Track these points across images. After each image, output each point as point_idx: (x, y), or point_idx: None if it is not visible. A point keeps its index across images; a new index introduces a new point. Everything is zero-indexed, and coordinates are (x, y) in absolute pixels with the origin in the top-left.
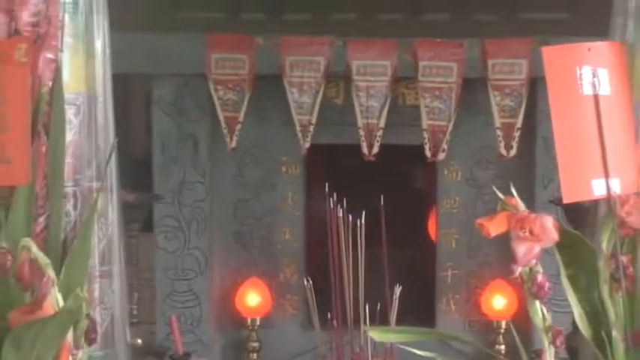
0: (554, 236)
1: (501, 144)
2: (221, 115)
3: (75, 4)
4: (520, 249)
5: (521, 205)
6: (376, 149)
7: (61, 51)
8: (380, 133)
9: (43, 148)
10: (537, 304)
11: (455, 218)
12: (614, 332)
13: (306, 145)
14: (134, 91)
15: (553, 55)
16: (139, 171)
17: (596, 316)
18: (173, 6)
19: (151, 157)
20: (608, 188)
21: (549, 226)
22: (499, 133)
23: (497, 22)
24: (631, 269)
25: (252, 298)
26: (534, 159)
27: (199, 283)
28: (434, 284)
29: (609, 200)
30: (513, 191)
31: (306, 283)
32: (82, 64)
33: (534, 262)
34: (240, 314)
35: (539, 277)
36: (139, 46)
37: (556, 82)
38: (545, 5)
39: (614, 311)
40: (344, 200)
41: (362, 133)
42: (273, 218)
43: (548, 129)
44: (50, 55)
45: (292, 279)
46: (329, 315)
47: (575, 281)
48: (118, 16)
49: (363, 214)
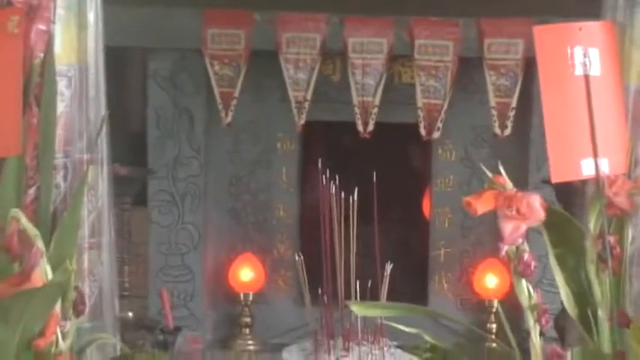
0: (541, 215)
1: (496, 123)
2: (216, 90)
3: None
4: (507, 227)
5: (509, 183)
6: (371, 127)
7: (54, 22)
8: (375, 110)
9: (34, 120)
10: (523, 282)
11: (449, 197)
12: (600, 312)
13: (301, 121)
14: (130, 64)
15: (544, 34)
16: (134, 144)
17: (583, 296)
18: None
19: (144, 132)
20: (597, 168)
21: (536, 205)
22: (494, 112)
23: (495, 1)
24: (618, 249)
25: (246, 274)
26: (529, 139)
27: (192, 258)
28: (427, 263)
29: (597, 180)
30: (501, 169)
31: (297, 259)
32: (74, 36)
33: (521, 240)
34: (233, 289)
35: (526, 256)
36: (136, 20)
37: (547, 62)
38: None
39: (601, 291)
40: (337, 177)
41: (357, 110)
42: (267, 194)
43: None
44: (42, 26)
45: (286, 255)
46: (319, 291)
47: (563, 261)
48: None
49: (356, 190)
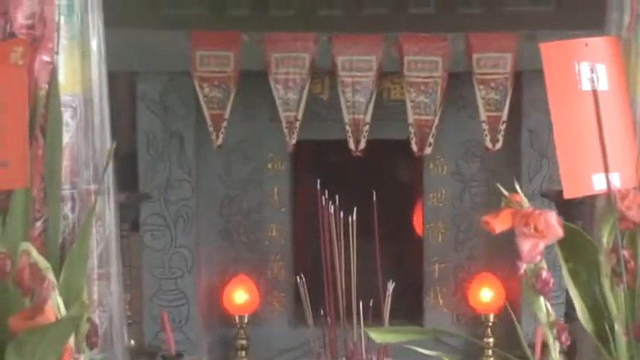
0: (559, 232)
1: (487, 137)
2: (207, 112)
3: (70, 6)
4: (525, 245)
5: (525, 201)
6: (363, 144)
7: (57, 53)
8: (366, 128)
9: (40, 151)
10: (541, 299)
11: (441, 212)
12: (617, 326)
13: (293, 141)
14: (118, 89)
15: (551, 51)
16: (123, 169)
17: (598, 310)
18: (157, 3)
19: (135, 155)
20: (609, 183)
21: (553, 222)
22: (485, 126)
23: (482, 15)
24: (632, 263)
25: (240, 296)
26: (519, 152)
27: (186, 282)
28: (421, 278)
29: (609, 195)
30: (517, 187)
31: (298, 280)
32: (77, 66)
33: (539, 258)
34: (228, 312)
35: (544, 273)
36: (123, 43)
37: (554, 78)
38: None
39: (616, 305)
40: (337, 197)
41: (348, 128)
42: (259, 215)
43: (533, 122)
44: (46, 57)
45: (280, 275)
46: (321, 311)
47: (576, 275)
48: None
49: (355, 210)
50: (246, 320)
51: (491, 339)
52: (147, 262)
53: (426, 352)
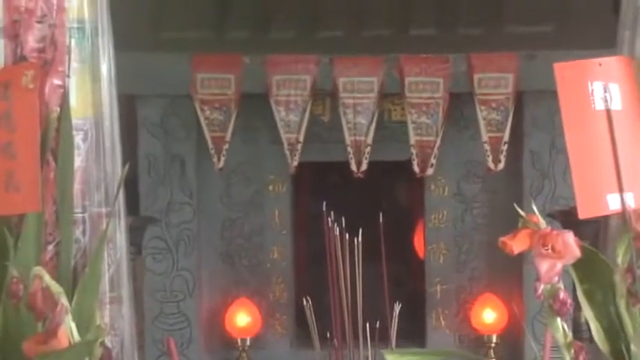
0: (577, 252)
1: (489, 158)
2: (208, 135)
3: (81, 30)
4: (542, 266)
5: (542, 222)
6: (365, 166)
7: (68, 76)
8: (368, 149)
9: (52, 175)
10: (558, 320)
11: (443, 233)
12: (633, 346)
13: (294, 163)
14: (120, 111)
15: (564, 71)
16: (124, 192)
17: (614, 331)
18: (157, 26)
19: (136, 178)
20: (623, 203)
21: (571, 242)
22: (487, 147)
23: (484, 36)
24: None
25: (242, 319)
26: (521, 172)
27: (188, 305)
28: (423, 299)
29: (624, 214)
30: (534, 208)
31: (305, 303)
32: (88, 89)
33: (556, 279)
34: (230, 335)
35: (562, 294)
36: (123, 67)
37: (568, 98)
38: (531, 18)
39: (632, 325)
40: (342, 219)
41: (350, 150)
42: (261, 237)
43: (534, 142)
44: (57, 80)
45: (281, 298)
46: (327, 333)
47: (591, 296)
48: None
49: (360, 232)
50: (248, 343)
51: (493, 359)
52: (148, 286)
53: None
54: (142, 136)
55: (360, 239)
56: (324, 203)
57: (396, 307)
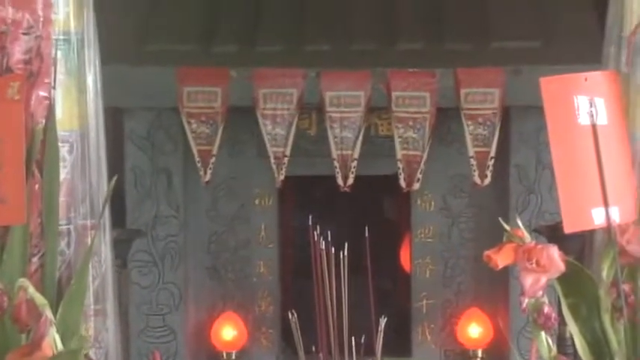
0: (561, 267)
1: (475, 173)
2: (194, 148)
3: (67, 41)
4: (527, 280)
5: (527, 236)
6: (351, 180)
7: (54, 88)
8: (354, 164)
9: (37, 187)
10: (543, 334)
11: (429, 248)
12: None
13: (281, 177)
14: (105, 124)
15: (550, 85)
16: (110, 205)
17: (598, 346)
18: (144, 39)
19: (122, 192)
20: (608, 217)
21: (556, 256)
22: (473, 162)
23: (471, 51)
24: (632, 297)
25: (228, 332)
26: (507, 187)
27: (174, 318)
28: (409, 314)
29: (609, 229)
30: (519, 222)
31: (290, 317)
32: (74, 101)
33: (541, 293)
34: (216, 348)
35: (546, 308)
36: (109, 80)
37: (554, 112)
38: (518, 34)
39: (617, 340)
40: (329, 233)
41: (336, 164)
42: (247, 251)
43: (520, 157)
44: (43, 92)
45: (267, 312)
46: (313, 347)
47: (576, 311)
48: None
49: (346, 246)
50: (234, 357)
51: None
52: (134, 299)
53: None
54: (129, 149)
55: (346, 253)
56: (309, 217)
57: (382, 322)
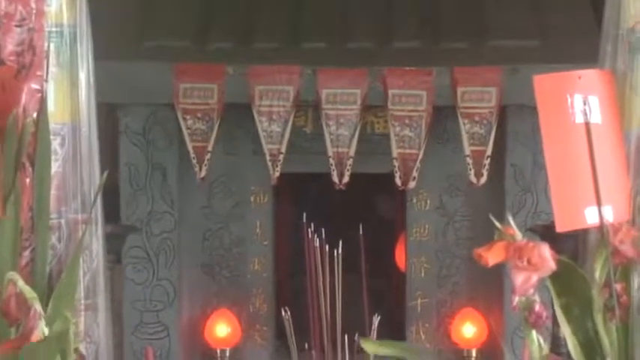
0: (552, 265)
1: (471, 172)
2: (190, 144)
3: (60, 34)
4: (518, 278)
5: (518, 234)
6: (347, 178)
7: (46, 81)
8: (350, 161)
9: (28, 180)
10: (534, 333)
11: (424, 247)
12: None
13: (276, 174)
14: (100, 121)
15: (544, 83)
16: (105, 201)
17: (591, 346)
18: (140, 35)
19: (116, 187)
20: (601, 216)
21: (547, 255)
22: (469, 160)
23: (468, 49)
24: (625, 297)
25: (222, 329)
26: (503, 186)
27: (168, 314)
28: (404, 313)
29: (602, 228)
30: (510, 220)
31: (284, 314)
32: (66, 94)
33: (532, 291)
34: (210, 345)
35: (537, 307)
36: (104, 75)
37: (547, 111)
38: (515, 33)
39: (609, 340)
40: (322, 231)
41: (332, 161)
42: (241, 248)
43: (516, 157)
44: (35, 85)
45: (261, 309)
46: (305, 345)
47: (569, 311)
48: None
49: (340, 243)
50: (227, 354)
51: None
52: (128, 295)
53: None
54: (124, 144)
55: (339, 251)
56: (303, 215)
57: (375, 319)
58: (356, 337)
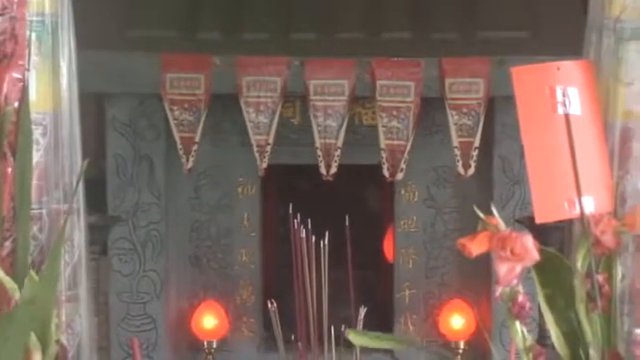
0: (536, 255)
1: (459, 163)
2: (177, 135)
3: (41, 22)
4: (502, 269)
5: (502, 224)
6: (334, 169)
7: (28, 70)
8: (338, 152)
9: (9, 170)
10: (517, 324)
11: (412, 238)
12: (591, 351)
13: (264, 165)
14: (87, 111)
15: (522, 75)
16: (92, 193)
17: (573, 336)
18: (126, 25)
19: (103, 178)
20: (582, 207)
21: (530, 245)
22: (457, 152)
23: (457, 40)
24: (606, 288)
25: (209, 321)
26: (491, 178)
27: (155, 307)
28: (391, 304)
29: (583, 219)
30: (494, 210)
31: (269, 305)
32: (48, 83)
33: (515, 282)
34: (197, 337)
35: (520, 297)
36: (91, 65)
37: (526, 103)
38: (504, 24)
39: (591, 330)
40: (309, 221)
41: (320, 153)
42: (229, 240)
43: (504, 148)
44: (17, 74)
45: (249, 301)
46: (292, 336)
47: (553, 301)
48: None
49: (327, 234)
50: (214, 346)
51: None
52: (115, 287)
53: None
54: (110, 135)
55: (326, 242)
56: (290, 205)
57: (362, 311)
58: (342, 329)
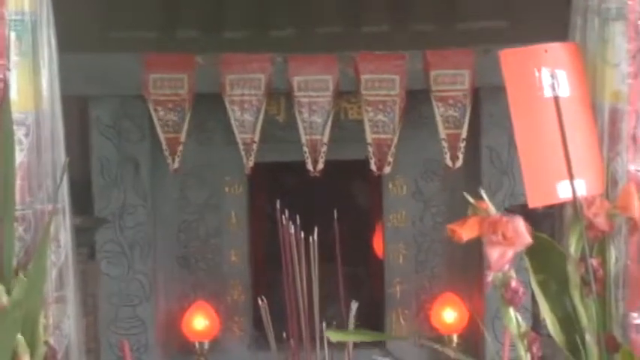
0: (527, 239)
1: (447, 155)
2: (162, 136)
3: (20, 21)
4: (493, 254)
5: (492, 208)
6: (321, 165)
7: (9, 69)
8: (324, 148)
9: None
10: (511, 310)
11: (402, 233)
12: (588, 336)
13: (250, 163)
14: (70, 114)
15: (510, 58)
16: (77, 195)
17: (568, 322)
18: (107, 26)
19: (88, 180)
20: (574, 190)
21: (522, 229)
22: (444, 144)
23: (436, 32)
24: (601, 272)
25: (199, 322)
26: (480, 169)
27: (144, 309)
28: (382, 300)
29: (575, 203)
30: (484, 194)
31: (260, 303)
32: (29, 82)
33: (507, 267)
34: (188, 338)
35: (513, 283)
36: (73, 67)
37: (515, 86)
38: (484, 14)
39: (586, 315)
40: (297, 218)
41: (306, 149)
42: (217, 239)
43: (492, 139)
44: None
45: (239, 300)
46: (283, 334)
47: (546, 287)
48: None
49: (315, 230)
50: (206, 346)
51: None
52: (104, 290)
53: None
54: (94, 137)
55: (315, 238)
56: (277, 201)
57: (353, 306)
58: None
